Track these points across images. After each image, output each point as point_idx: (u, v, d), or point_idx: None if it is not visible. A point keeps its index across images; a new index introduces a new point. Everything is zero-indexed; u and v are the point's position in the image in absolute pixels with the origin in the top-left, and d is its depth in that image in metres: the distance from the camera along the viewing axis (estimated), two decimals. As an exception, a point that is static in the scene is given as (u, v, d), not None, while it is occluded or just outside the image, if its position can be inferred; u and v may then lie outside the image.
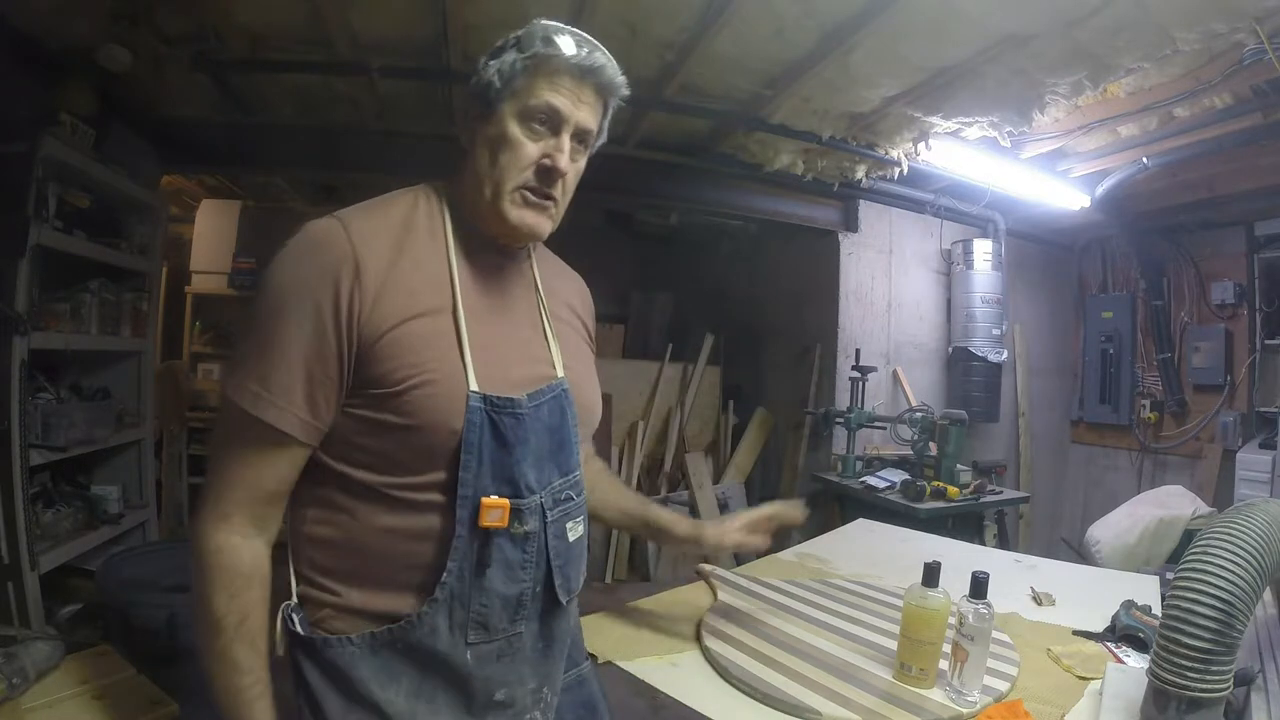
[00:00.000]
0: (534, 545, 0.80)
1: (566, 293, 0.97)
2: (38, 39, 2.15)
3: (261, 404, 0.72)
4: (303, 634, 0.76)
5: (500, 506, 0.76)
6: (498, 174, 0.80)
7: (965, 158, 3.05)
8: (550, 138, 0.80)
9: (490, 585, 0.77)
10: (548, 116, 0.80)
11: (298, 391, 0.73)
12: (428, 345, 0.75)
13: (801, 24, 2.11)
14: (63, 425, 2.24)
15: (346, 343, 0.73)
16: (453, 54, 2.31)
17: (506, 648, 0.80)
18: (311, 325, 0.72)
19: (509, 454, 0.77)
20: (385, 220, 0.80)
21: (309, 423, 0.74)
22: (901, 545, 1.91)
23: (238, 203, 4.12)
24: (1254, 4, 1.87)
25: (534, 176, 0.80)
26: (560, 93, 0.79)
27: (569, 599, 0.86)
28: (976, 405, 3.73)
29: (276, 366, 0.73)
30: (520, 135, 0.80)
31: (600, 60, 0.80)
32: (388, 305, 0.75)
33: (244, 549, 0.74)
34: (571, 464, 0.85)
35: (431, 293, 0.78)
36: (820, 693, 1.03)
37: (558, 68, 0.79)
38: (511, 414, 0.78)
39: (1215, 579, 0.83)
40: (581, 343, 0.96)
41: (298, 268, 0.75)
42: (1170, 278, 4.18)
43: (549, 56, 0.78)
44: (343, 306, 0.73)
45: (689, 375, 4.17)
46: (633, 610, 1.34)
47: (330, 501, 0.78)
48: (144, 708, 1.34)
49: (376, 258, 0.75)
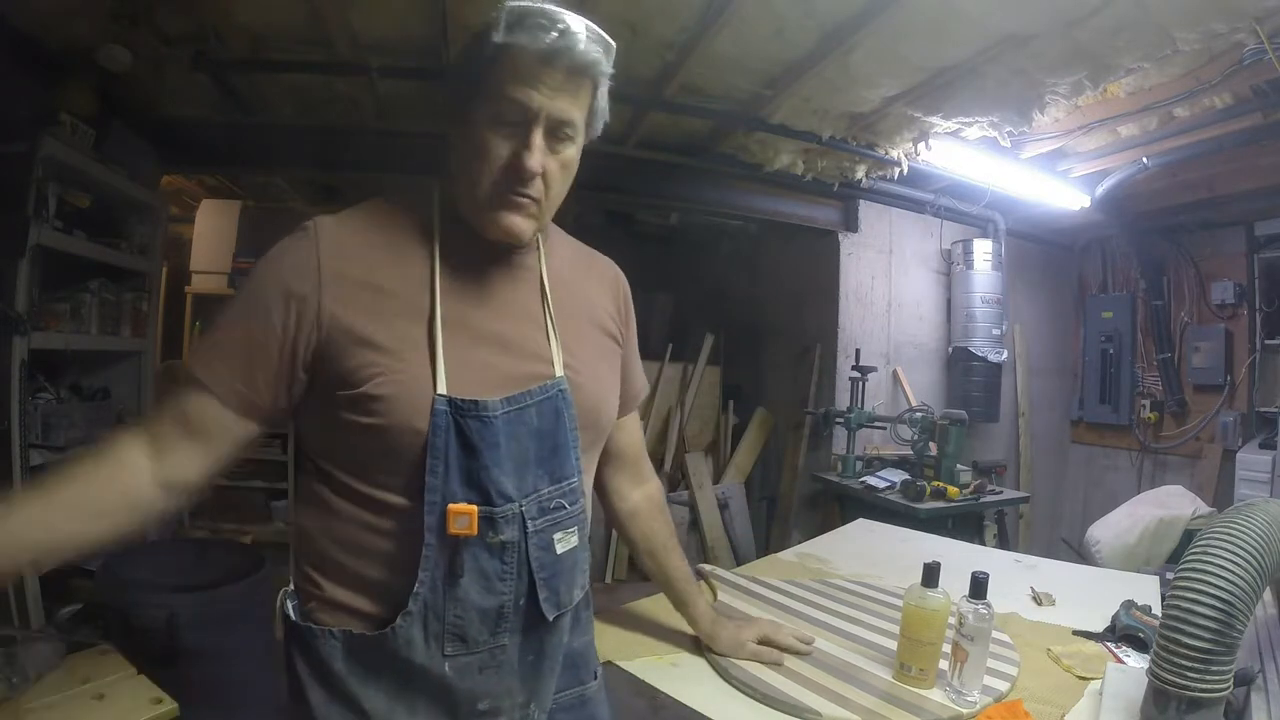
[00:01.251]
0: (513, 556, 0.77)
1: (587, 285, 0.93)
2: (38, 39, 2.15)
3: (200, 363, 0.76)
4: (295, 620, 0.78)
5: (467, 513, 0.73)
6: (471, 180, 0.77)
7: (965, 158, 3.05)
8: (523, 135, 0.74)
9: (465, 596, 0.75)
10: (516, 114, 0.74)
11: (234, 360, 0.75)
12: (396, 346, 0.75)
13: (801, 24, 2.11)
14: (63, 425, 2.24)
15: (294, 333, 0.74)
16: (453, 54, 2.30)
17: (489, 660, 0.78)
18: (261, 310, 0.75)
19: (476, 459, 0.75)
20: (365, 221, 0.80)
21: (239, 390, 0.75)
22: (901, 545, 1.91)
23: (238, 203, 4.12)
24: (1254, 4, 1.87)
25: (504, 178, 0.75)
26: (527, 85, 0.72)
27: (557, 614, 0.81)
28: (976, 405, 3.73)
29: (223, 338, 0.77)
30: (490, 138, 0.75)
31: (569, 41, 0.71)
32: (353, 304, 0.75)
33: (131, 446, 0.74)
34: (565, 470, 0.81)
35: (408, 292, 0.77)
36: (820, 693, 1.03)
37: (521, 58, 0.72)
38: (477, 417, 0.75)
39: (1215, 579, 0.83)
40: (603, 338, 0.92)
41: (265, 263, 0.78)
42: (1170, 278, 4.18)
43: (510, 46, 0.71)
44: (295, 297, 0.74)
45: (689, 375, 4.17)
46: (633, 610, 1.34)
47: (318, 498, 0.79)
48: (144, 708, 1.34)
49: (342, 257, 0.76)
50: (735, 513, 3.89)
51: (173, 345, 3.89)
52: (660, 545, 1.11)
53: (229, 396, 0.75)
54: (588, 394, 0.85)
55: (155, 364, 3.00)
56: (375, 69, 2.37)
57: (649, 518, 1.11)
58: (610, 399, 0.92)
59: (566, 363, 0.83)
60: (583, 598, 0.91)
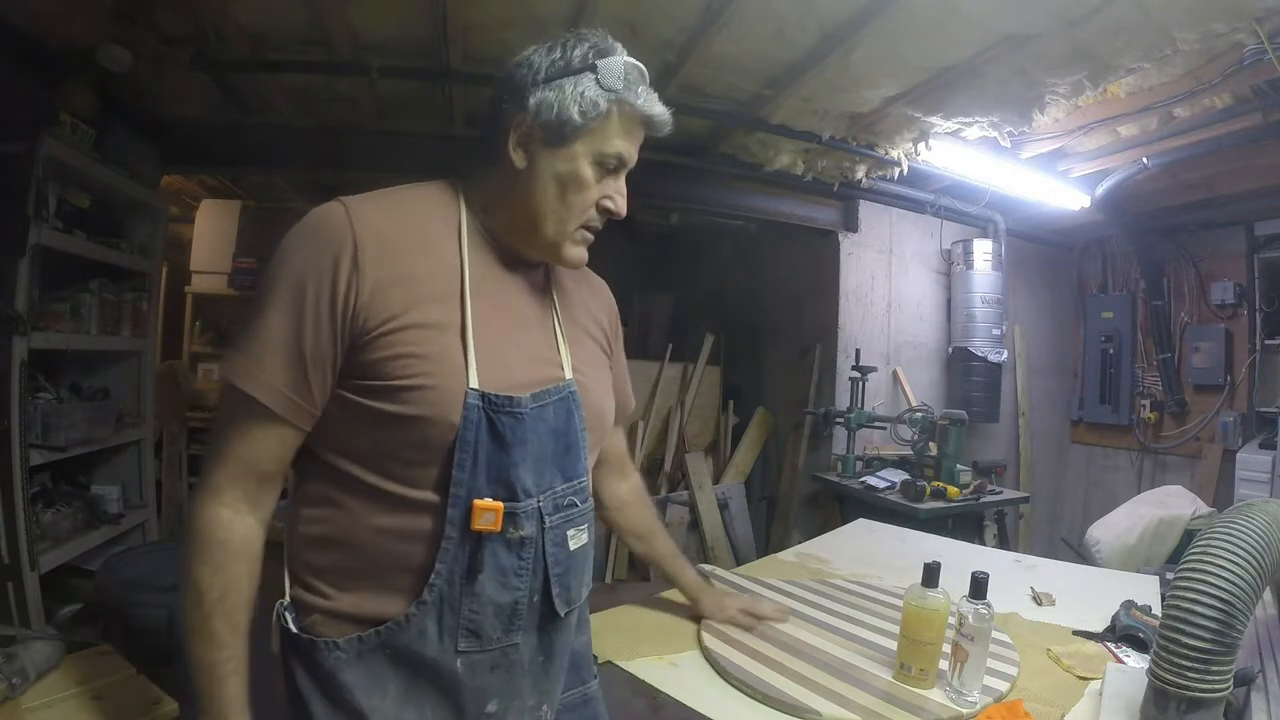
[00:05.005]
0: (530, 552, 0.78)
1: (584, 298, 0.96)
2: (38, 39, 2.15)
3: (248, 379, 0.73)
4: (294, 632, 0.76)
5: (493, 509, 0.74)
6: (565, 212, 0.80)
7: (965, 158, 3.05)
8: (610, 178, 0.82)
9: (482, 591, 0.75)
10: (617, 163, 0.81)
11: (284, 370, 0.73)
12: (429, 336, 0.74)
13: (801, 24, 2.11)
14: (63, 425, 2.24)
15: (341, 326, 0.72)
16: (453, 54, 2.30)
17: (501, 659, 0.78)
18: (302, 305, 0.72)
19: (506, 455, 0.75)
20: (395, 207, 0.79)
21: (295, 402, 0.73)
22: (901, 545, 1.91)
23: (238, 203, 4.12)
24: (1254, 4, 1.87)
25: (597, 217, 0.82)
26: (630, 140, 0.82)
27: (569, 610, 0.83)
28: (976, 405, 3.73)
29: (266, 344, 0.73)
30: (590, 177, 0.80)
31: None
32: (388, 292, 0.73)
33: (235, 523, 0.74)
34: (577, 469, 0.83)
35: (439, 282, 0.77)
36: (820, 693, 1.03)
37: (635, 115, 0.80)
38: (510, 413, 0.76)
39: (1215, 579, 0.83)
40: (597, 349, 0.95)
41: (296, 250, 0.74)
42: (1170, 278, 4.18)
43: (631, 104, 0.79)
44: (340, 289, 0.72)
45: (689, 375, 4.17)
46: (633, 610, 1.34)
47: (324, 498, 0.78)
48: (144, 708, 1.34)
49: (379, 242, 0.74)
50: (735, 513, 3.89)
51: (173, 345, 3.89)
52: (647, 529, 1.23)
53: (282, 408, 0.73)
54: (593, 397, 0.88)
55: (155, 364, 3.00)
56: (375, 69, 2.37)
57: (636, 505, 1.21)
58: (610, 404, 0.95)
59: (575, 367, 0.85)
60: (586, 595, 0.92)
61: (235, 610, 0.73)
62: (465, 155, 2.69)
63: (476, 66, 2.38)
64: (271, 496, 0.77)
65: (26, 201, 2.02)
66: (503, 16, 2.08)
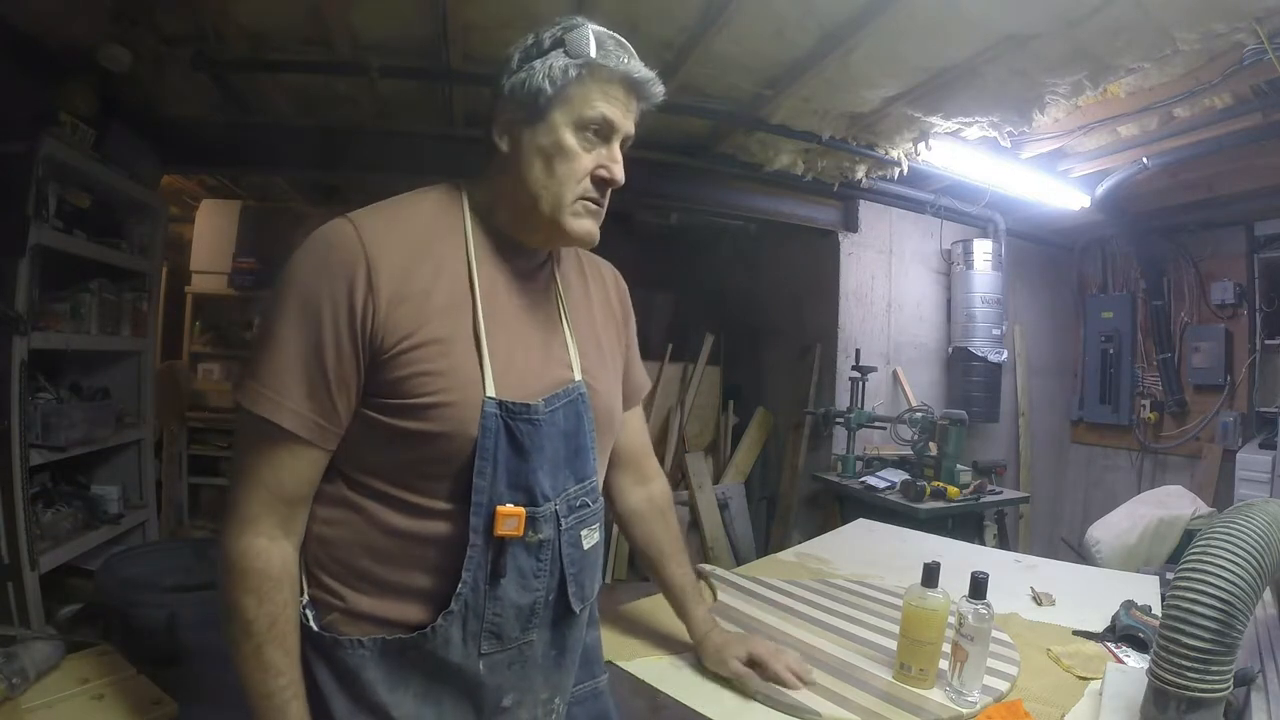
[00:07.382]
0: (548, 553, 0.79)
1: (592, 291, 0.95)
2: (38, 39, 2.14)
3: (272, 407, 0.72)
4: (315, 629, 0.77)
5: (516, 515, 0.75)
6: (556, 185, 0.78)
7: (965, 158, 3.05)
8: (601, 146, 0.80)
9: (504, 594, 0.76)
10: (601, 127, 0.79)
11: (308, 394, 0.72)
12: (445, 351, 0.74)
13: (801, 24, 2.11)
14: (63, 425, 2.23)
15: (361, 346, 0.72)
16: (453, 54, 2.30)
17: (518, 656, 0.80)
18: (319, 327, 0.71)
19: (525, 461, 0.76)
20: (401, 221, 0.78)
21: (321, 425, 0.73)
22: (901, 545, 1.91)
23: (238, 203, 4.12)
24: (1254, 4, 1.87)
25: (593, 187, 0.80)
26: (613, 103, 0.79)
27: (582, 607, 0.85)
28: (976, 405, 3.73)
29: (285, 370, 0.72)
30: (575, 145, 0.78)
31: (648, 73, 0.80)
32: (403, 310, 0.73)
33: (271, 551, 0.73)
34: (588, 470, 0.84)
35: (450, 295, 0.76)
36: (820, 693, 1.03)
37: (611, 77, 0.78)
38: (527, 420, 0.76)
39: (1215, 579, 0.83)
40: (605, 347, 0.94)
41: (307, 272, 0.73)
42: (1170, 278, 4.18)
43: (602, 66, 0.77)
44: (357, 310, 0.71)
45: (689, 375, 4.17)
46: (633, 610, 1.34)
47: (342, 500, 0.77)
48: (144, 708, 1.34)
49: (390, 260, 0.73)
50: (735, 513, 3.90)
51: (173, 345, 3.90)
52: (660, 552, 1.11)
53: (303, 429, 0.73)
54: (602, 397, 0.88)
55: (155, 364, 3.01)
56: (375, 69, 2.37)
57: (651, 520, 1.11)
58: (619, 403, 0.95)
59: (584, 367, 0.86)
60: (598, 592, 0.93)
61: (286, 635, 0.74)
62: (465, 155, 2.69)
63: (476, 66, 2.38)
64: (302, 518, 0.77)
65: (26, 201, 2.02)
66: (502, 16, 2.08)
